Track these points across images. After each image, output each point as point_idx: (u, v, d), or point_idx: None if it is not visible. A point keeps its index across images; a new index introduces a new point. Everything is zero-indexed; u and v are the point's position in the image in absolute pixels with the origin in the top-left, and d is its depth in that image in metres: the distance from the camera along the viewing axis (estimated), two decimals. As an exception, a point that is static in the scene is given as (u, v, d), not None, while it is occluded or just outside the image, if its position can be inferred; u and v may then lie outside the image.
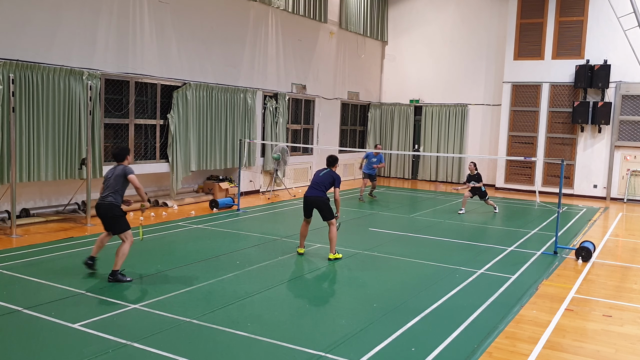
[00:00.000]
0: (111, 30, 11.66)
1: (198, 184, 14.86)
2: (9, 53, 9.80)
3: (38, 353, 5.09)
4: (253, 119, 15.50)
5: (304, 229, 9.11)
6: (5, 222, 10.00)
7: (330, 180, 8.87)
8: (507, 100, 19.09)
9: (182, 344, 5.33)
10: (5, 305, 6.16)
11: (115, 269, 7.22)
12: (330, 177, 8.90)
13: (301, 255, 8.96)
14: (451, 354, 5.33)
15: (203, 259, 8.52)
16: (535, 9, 18.46)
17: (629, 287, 8.01)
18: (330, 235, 8.82)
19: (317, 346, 5.38)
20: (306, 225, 9.09)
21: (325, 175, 8.93)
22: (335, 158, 9.19)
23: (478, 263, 8.83)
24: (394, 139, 22.22)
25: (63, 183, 11.15)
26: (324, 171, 9.03)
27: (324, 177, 8.91)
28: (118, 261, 7.23)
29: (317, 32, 18.39)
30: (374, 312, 6.47)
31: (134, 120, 12.51)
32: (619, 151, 17.63)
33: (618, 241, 11.34)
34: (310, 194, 8.88)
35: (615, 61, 17.30)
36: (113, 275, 7.21)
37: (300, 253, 9.06)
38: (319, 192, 8.84)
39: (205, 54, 14.03)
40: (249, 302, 6.63)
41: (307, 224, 9.09)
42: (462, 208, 13.77)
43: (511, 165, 19.29)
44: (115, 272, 7.22)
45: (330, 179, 8.89)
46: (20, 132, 9.95)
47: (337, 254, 8.85)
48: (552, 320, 6.41)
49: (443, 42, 21.10)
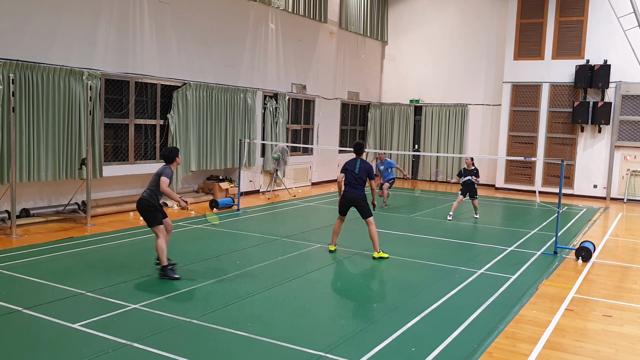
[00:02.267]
0: (111, 30, 11.66)
1: (198, 184, 14.86)
2: (9, 53, 9.80)
3: (38, 353, 5.09)
4: (253, 119, 15.50)
5: (337, 226, 9.11)
6: (5, 222, 10.00)
7: (366, 174, 8.73)
8: (507, 100, 19.09)
9: (182, 344, 5.33)
10: (5, 305, 6.16)
11: (163, 265, 7.41)
12: (365, 171, 8.73)
13: (333, 253, 9.05)
14: (451, 354, 5.33)
15: (203, 259, 8.51)
16: (535, 9, 18.47)
17: (629, 287, 8.01)
18: (371, 234, 8.80)
19: (317, 346, 5.38)
20: (340, 222, 9.08)
21: (361, 171, 8.73)
22: (362, 144, 9.06)
23: (478, 263, 8.83)
24: (394, 139, 22.22)
25: (63, 183, 11.15)
26: (357, 164, 8.78)
27: (361, 173, 8.73)
28: (160, 257, 7.41)
29: (317, 32, 18.39)
30: (374, 312, 6.47)
31: (134, 120, 12.51)
32: (619, 151, 17.63)
33: (618, 241, 11.34)
34: (350, 192, 8.75)
35: (615, 61, 17.30)
36: (163, 271, 7.42)
37: (332, 250, 9.09)
38: (359, 189, 8.74)
39: (205, 54, 14.03)
40: (249, 302, 6.63)
41: (341, 222, 9.08)
42: (450, 213, 12.79)
43: (511, 165, 19.29)
44: (164, 267, 7.40)
45: (366, 173, 8.73)
46: (20, 132, 9.95)
47: (383, 253, 8.82)
48: (552, 320, 6.40)
49: (443, 42, 21.11)
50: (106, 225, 10.79)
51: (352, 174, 8.76)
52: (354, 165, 8.81)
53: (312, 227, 11.39)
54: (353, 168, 8.79)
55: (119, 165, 12.22)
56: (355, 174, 8.73)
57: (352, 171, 8.77)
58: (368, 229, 8.83)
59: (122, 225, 10.79)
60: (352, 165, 8.82)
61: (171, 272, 7.40)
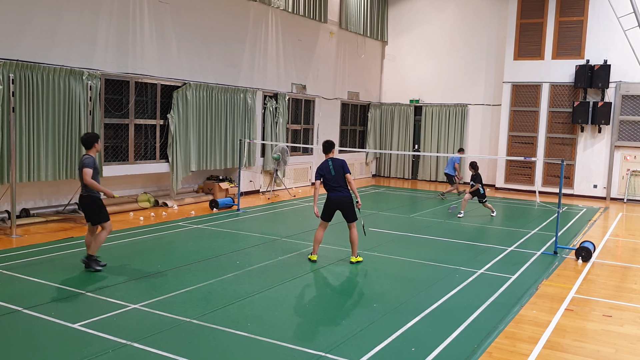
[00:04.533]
0: (111, 30, 11.67)
1: (198, 184, 14.86)
2: (9, 53, 9.81)
3: (38, 353, 5.09)
4: (253, 119, 15.50)
5: (320, 234, 8.56)
6: (5, 222, 10.00)
7: (342, 171, 8.35)
8: (507, 100, 19.09)
9: (182, 344, 5.33)
10: (5, 305, 6.16)
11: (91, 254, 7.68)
12: (340, 168, 8.36)
13: (314, 263, 8.48)
14: (451, 354, 5.33)
15: (203, 259, 8.51)
16: (535, 9, 18.47)
17: (629, 287, 8.00)
18: (352, 238, 8.47)
19: (317, 346, 5.38)
20: (323, 229, 8.57)
21: (337, 169, 8.35)
22: (332, 143, 8.65)
23: (478, 263, 8.83)
24: (394, 139, 22.22)
25: (63, 183, 11.15)
26: (329, 165, 8.42)
27: (337, 172, 8.35)
28: (93, 249, 7.69)
29: (317, 32, 18.39)
30: (374, 312, 6.47)
31: (134, 120, 12.51)
32: (619, 151, 17.63)
33: (618, 241, 11.34)
34: (334, 195, 8.35)
35: (615, 61, 17.30)
36: (88, 259, 7.65)
37: (313, 260, 8.54)
38: (343, 191, 8.34)
39: (205, 54, 14.03)
40: (249, 302, 6.63)
41: (323, 229, 8.58)
42: (461, 211, 13.30)
43: (511, 165, 19.29)
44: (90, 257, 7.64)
45: (342, 170, 8.35)
46: (20, 132, 9.95)
47: (359, 257, 8.65)
48: (552, 320, 6.40)
49: (443, 42, 21.10)
50: (106, 225, 10.78)
51: (329, 176, 8.37)
52: (327, 168, 8.41)
53: (312, 227, 11.36)
54: (328, 171, 8.40)
55: (119, 165, 12.22)
56: (332, 176, 8.35)
57: (329, 173, 8.38)
58: (350, 232, 8.48)
59: (122, 225, 10.79)
60: (326, 167, 8.42)
61: (95, 264, 7.61)
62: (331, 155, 8.59)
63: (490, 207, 13.71)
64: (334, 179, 8.38)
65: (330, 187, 8.42)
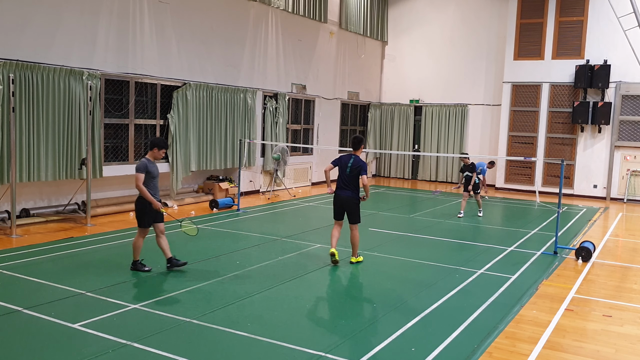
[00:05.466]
0: (111, 30, 11.66)
1: (198, 184, 14.85)
2: (9, 53, 9.80)
3: (38, 353, 5.09)
4: (253, 119, 15.50)
5: (335, 232, 8.46)
6: (5, 222, 10.00)
7: (358, 173, 8.22)
8: (507, 100, 19.09)
9: (182, 344, 5.33)
10: (5, 305, 6.16)
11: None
12: (357, 169, 8.21)
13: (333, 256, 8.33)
14: (451, 354, 5.33)
15: (203, 259, 8.52)
16: (535, 9, 18.47)
17: (629, 287, 8.00)
18: (352, 240, 8.42)
19: (317, 346, 5.38)
20: (337, 228, 8.47)
21: (353, 169, 8.22)
22: (361, 138, 8.37)
23: (478, 263, 8.83)
24: (394, 139, 22.22)
25: (63, 183, 11.15)
26: (350, 160, 8.25)
27: (352, 172, 8.23)
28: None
29: (317, 32, 18.39)
30: (374, 312, 6.47)
31: (134, 120, 12.51)
32: (619, 151, 17.63)
33: (618, 241, 11.34)
34: (342, 194, 8.28)
35: (615, 61, 17.30)
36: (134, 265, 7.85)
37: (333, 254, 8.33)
38: (351, 191, 8.25)
39: (205, 54, 14.03)
40: (249, 302, 6.63)
41: (339, 227, 8.48)
42: (461, 211, 13.22)
43: (511, 166, 19.29)
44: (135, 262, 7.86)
45: (357, 171, 8.21)
46: (20, 132, 9.95)
47: (359, 257, 8.65)
48: (552, 320, 6.41)
49: (443, 42, 21.10)
50: (106, 225, 10.79)
51: (344, 173, 8.27)
52: (346, 162, 8.28)
53: (312, 227, 11.38)
54: (345, 165, 8.28)
55: (119, 165, 12.22)
56: (347, 174, 8.26)
57: (344, 169, 8.27)
58: (351, 233, 8.38)
59: (122, 225, 10.79)
60: (346, 161, 8.29)
61: (140, 267, 7.78)
62: (358, 153, 8.42)
63: (480, 202, 13.55)
64: (347, 177, 8.31)
65: (341, 184, 8.37)
